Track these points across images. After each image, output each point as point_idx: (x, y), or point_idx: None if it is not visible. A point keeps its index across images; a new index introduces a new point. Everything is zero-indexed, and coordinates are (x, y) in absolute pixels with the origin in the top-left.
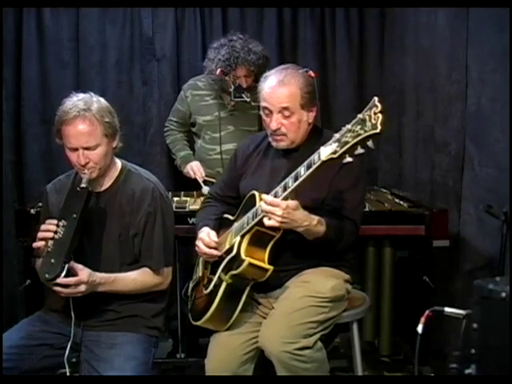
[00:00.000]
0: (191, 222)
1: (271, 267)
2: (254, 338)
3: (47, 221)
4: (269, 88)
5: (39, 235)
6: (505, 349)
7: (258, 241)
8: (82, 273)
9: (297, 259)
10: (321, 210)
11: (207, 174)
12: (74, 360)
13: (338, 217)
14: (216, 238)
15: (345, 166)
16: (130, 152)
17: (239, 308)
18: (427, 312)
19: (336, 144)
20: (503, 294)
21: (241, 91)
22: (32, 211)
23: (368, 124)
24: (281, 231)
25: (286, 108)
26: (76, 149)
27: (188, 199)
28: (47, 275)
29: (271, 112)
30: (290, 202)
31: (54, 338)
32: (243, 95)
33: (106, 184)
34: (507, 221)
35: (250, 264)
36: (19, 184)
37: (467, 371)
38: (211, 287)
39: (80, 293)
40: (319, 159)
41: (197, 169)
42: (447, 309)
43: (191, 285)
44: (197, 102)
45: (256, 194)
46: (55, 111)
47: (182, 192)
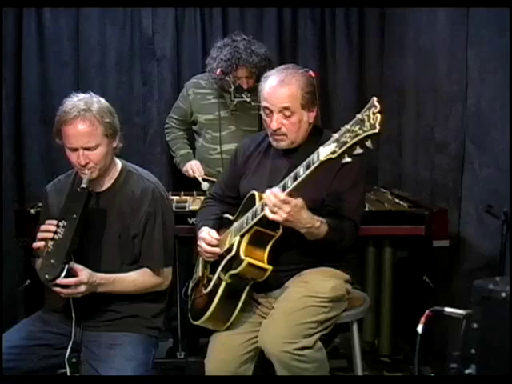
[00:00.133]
0: (191, 222)
1: (270, 267)
2: (254, 338)
3: (47, 221)
4: (269, 88)
5: (39, 235)
6: (505, 349)
7: (258, 240)
8: (82, 273)
9: (297, 259)
10: (321, 211)
11: (207, 173)
12: (74, 360)
13: (339, 217)
14: (217, 236)
15: (345, 167)
16: (130, 152)
17: (239, 308)
18: (427, 312)
19: (335, 144)
20: (503, 294)
21: (241, 91)
22: (32, 211)
23: (367, 124)
24: (280, 231)
25: (287, 108)
26: (76, 149)
27: (188, 199)
28: (47, 276)
29: (272, 112)
30: (299, 201)
31: (55, 338)
32: (243, 95)
33: (106, 184)
34: (507, 221)
35: (250, 264)
36: (19, 184)
37: (467, 371)
38: (211, 287)
39: (80, 293)
40: (318, 159)
41: (196, 168)
42: (447, 309)
43: (191, 284)
44: (199, 101)
45: (256, 194)
46: (55, 111)
47: (182, 192)
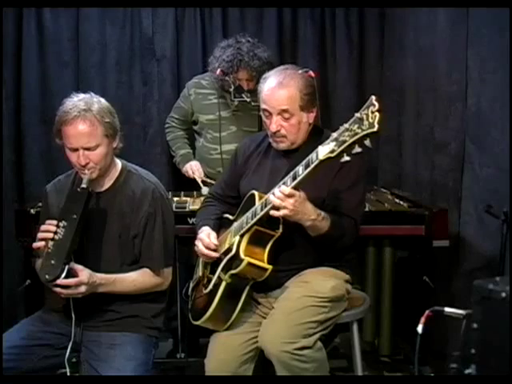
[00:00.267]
0: (191, 222)
1: (270, 267)
2: (254, 338)
3: (47, 221)
4: (268, 90)
5: (39, 235)
6: (505, 349)
7: (258, 240)
8: (83, 274)
9: (297, 259)
10: (321, 210)
11: (207, 174)
12: (74, 360)
13: (339, 215)
14: (216, 241)
15: (345, 166)
16: (130, 152)
17: (239, 307)
18: (427, 312)
19: (334, 143)
20: (503, 294)
21: (241, 91)
22: (32, 211)
23: (365, 123)
24: (280, 231)
25: (286, 110)
26: (76, 149)
27: (188, 199)
28: (47, 276)
29: (271, 114)
30: (302, 193)
31: (55, 338)
32: (243, 95)
33: (107, 184)
34: (507, 221)
35: (249, 263)
36: (19, 184)
37: (467, 371)
38: (211, 287)
39: (80, 293)
40: (317, 158)
41: (196, 169)
42: (447, 309)
43: (191, 285)
44: (200, 101)
45: (256, 194)
46: (55, 111)
47: (182, 192)
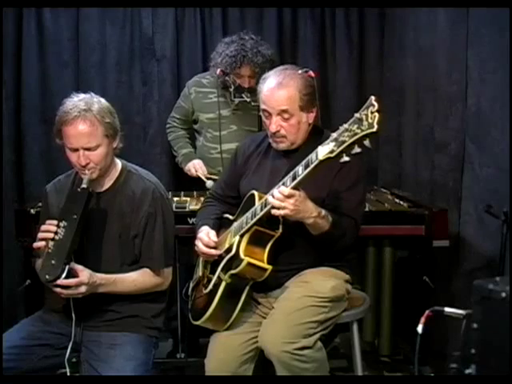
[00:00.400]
0: (191, 222)
1: (270, 267)
2: (254, 338)
3: (47, 221)
4: (267, 90)
5: (39, 235)
6: (505, 349)
7: (257, 240)
8: (83, 274)
9: (297, 259)
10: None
11: (209, 172)
12: (74, 360)
13: (340, 215)
14: (215, 238)
15: (345, 166)
16: (130, 152)
17: (239, 307)
18: (427, 312)
19: (333, 143)
20: (503, 294)
21: (241, 91)
22: (32, 211)
23: (365, 123)
24: (280, 231)
25: (285, 111)
26: (76, 149)
27: (188, 199)
28: (48, 276)
29: (270, 114)
30: (301, 192)
31: (55, 338)
32: (243, 95)
33: (107, 185)
34: (507, 221)
35: (249, 263)
36: (19, 184)
37: (467, 371)
38: (211, 287)
39: (80, 294)
40: (317, 159)
41: (199, 167)
42: (447, 309)
43: (191, 285)
44: (200, 99)
45: (255, 194)
46: (55, 111)
47: (182, 192)
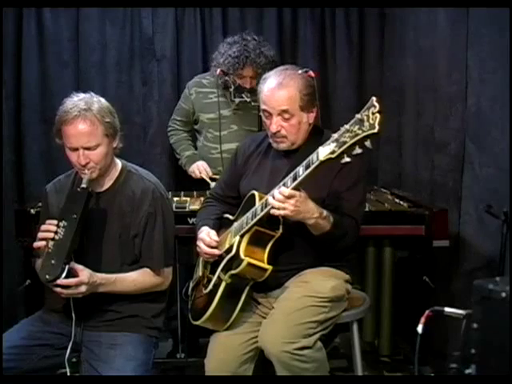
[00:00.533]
0: (191, 222)
1: (270, 267)
2: (254, 338)
3: (47, 221)
4: (268, 91)
5: (39, 235)
6: (505, 349)
7: (258, 240)
8: (83, 273)
9: (297, 259)
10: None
11: (213, 173)
12: (75, 360)
13: (341, 215)
14: (216, 237)
15: (345, 167)
16: (130, 152)
17: (239, 307)
18: (427, 312)
19: (334, 144)
20: (503, 294)
21: (241, 91)
22: (32, 211)
23: (366, 124)
24: (280, 231)
25: (286, 111)
26: (76, 149)
27: (188, 199)
28: (48, 276)
29: (271, 114)
30: (302, 192)
31: (55, 338)
32: (243, 95)
33: (107, 184)
34: (507, 221)
35: (249, 264)
36: (19, 184)
37: (467, 371)
38: (211, 287)
39: (81, 293)
40: (317, 159)
41: (203, 168)
42: (447, 309)
43: (191, 285)
44: (201, 99)
45: (256, 194)
46: (55, 111)
47: (182, 192)
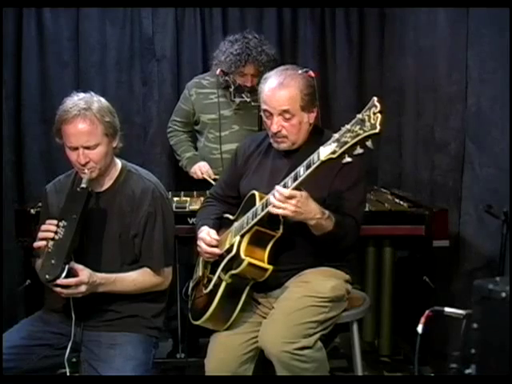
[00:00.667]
0: (191, 222)
1: (271, 267)
2: (254, 338)
3: (47, 221)
4: (269, 91)
5: (39, 235)
6: (505, 349)
7: (258, 240)
8: (83, 273)
9: (297, 259)
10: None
11: (215, 173)
12: (74, 360)
13: (340, 214)
14: (216, 236)
15: (345, 166)
16: (130, 152)
17: (239, 307)
18: (427, 312)
19: (335, 144)
20: (503, 294)
21: (241, 91)
22: (32, 211)
23: (367, 124)
24: (281, 231)
25: (286, 111)
26: (76, 148)
27: (188, 199)
28: (48, 276)
29: (271, 114)
30: (304, 192)
31: (55, 338)
32: (243, 95)
33: (106, 184)
34: (507, 221)
35: (250, 264)
36: (19, 184)
37: (467, 371)
38: (211, 287)
39: (80, 293)
40: (318, 159)
41: (205, 170)
42: (447, 309)
43: (191, 284)
44: (201, 100)
45: (256, 194)
46: (55, 111)
47: (182, 192)
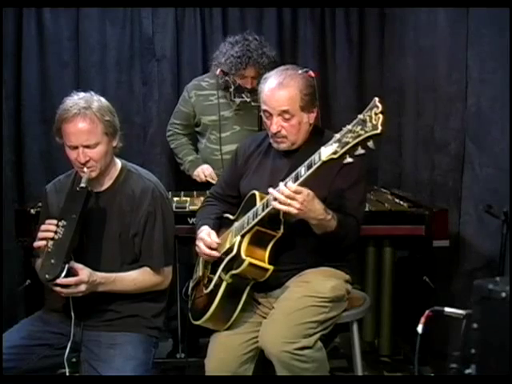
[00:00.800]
0: (191, 222)
1: (271, 267)
2: (254, 338)
3: (47, 221)
4: (268, 91)
5: (39, 235)
6: (505, 349)
7: (259, 240)
8: (83, 272)
9: (297, 259)
10: None
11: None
12: (74, 360)
13: (343, 214)
14: (217, 239)
15: (346, 166)
16: (130, 152)
17: (239, 308)
18: (427, 312)
19: (336, 144)
20: (503, 294)
21: (241, 91)
22: (32, 211)
23: (368, 124)
24: (281, 231)
25: (286, 111)
26: (76, 147)
27: (188, 199)
28: (47, 276)
29: (271, 115)
30: (310, 191)
31: (55, 338)
32: (243, 95)
33: (106, 184)
34: (507, 221)
35: (250, 264)
36: (19, 184)
37: (467, 371)
38: (211, 287)
39: (80, 293)
40: (319, 159)
41: (208, 173)
42: (447, 309)
43: (191, 284)
44: (201, 102)
45: (256, 194)
46: (55, 111)
47: (182, 192)
